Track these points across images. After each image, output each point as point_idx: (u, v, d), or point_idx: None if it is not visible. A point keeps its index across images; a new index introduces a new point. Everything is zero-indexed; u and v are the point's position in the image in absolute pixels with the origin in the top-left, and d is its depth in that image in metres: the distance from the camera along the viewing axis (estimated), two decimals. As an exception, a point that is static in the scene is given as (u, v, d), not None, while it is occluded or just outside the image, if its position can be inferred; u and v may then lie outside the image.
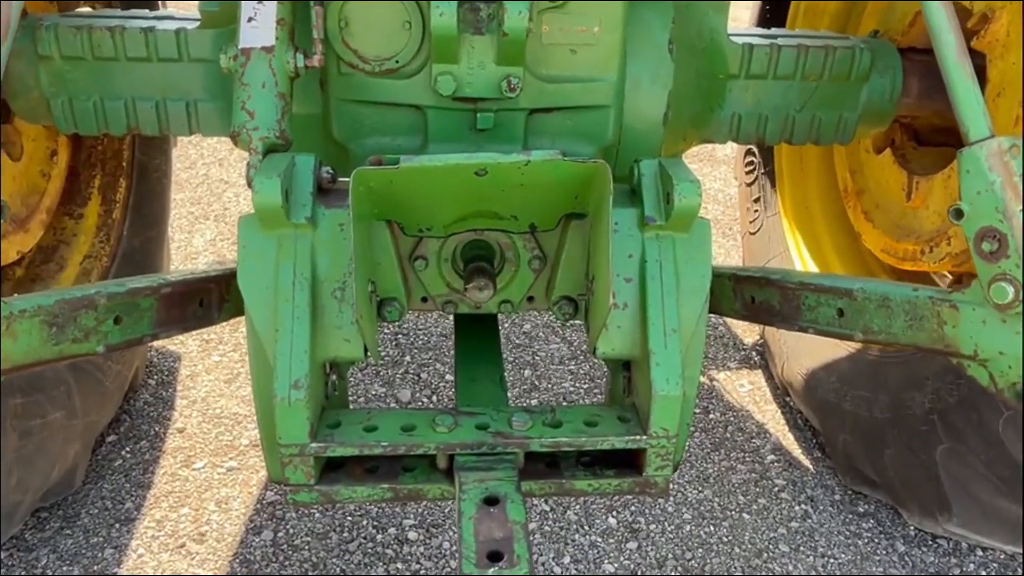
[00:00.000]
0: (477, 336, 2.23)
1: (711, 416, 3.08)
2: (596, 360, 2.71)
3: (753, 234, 3.42)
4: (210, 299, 1.92)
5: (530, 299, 1.96)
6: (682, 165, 1.75)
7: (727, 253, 4.25)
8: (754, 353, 3.38)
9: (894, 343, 1.74)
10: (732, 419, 3.08)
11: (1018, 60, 2.16)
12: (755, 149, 3.32)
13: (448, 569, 2.32)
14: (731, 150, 4.24)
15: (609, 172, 1.57)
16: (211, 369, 3.14)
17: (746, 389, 3.22)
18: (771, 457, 2.87)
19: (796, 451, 2.93)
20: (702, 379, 3.26)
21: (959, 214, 1.52)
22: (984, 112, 1.54)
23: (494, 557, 1.38)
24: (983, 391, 1.62)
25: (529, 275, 1.92)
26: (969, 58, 1.54)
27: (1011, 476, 1.94)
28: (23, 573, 2.32)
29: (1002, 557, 2.45)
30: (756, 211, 3.40)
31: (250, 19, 1.73)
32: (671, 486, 2.59)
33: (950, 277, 2.63)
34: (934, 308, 1.62)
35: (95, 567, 2.33)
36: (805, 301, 1.90)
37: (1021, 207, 1.46)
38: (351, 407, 1.82)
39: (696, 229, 1.72)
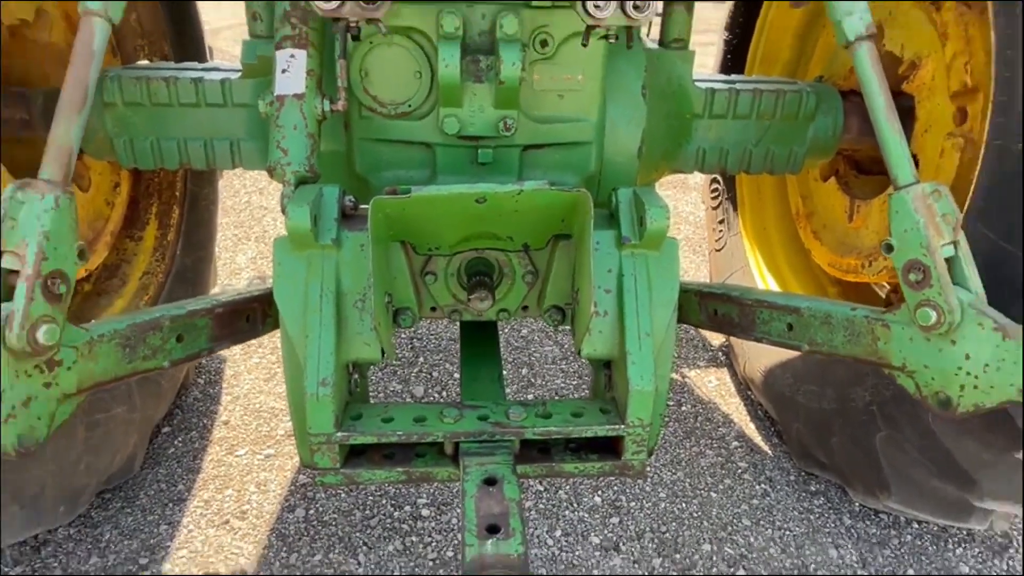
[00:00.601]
0: (479, 340, 2.21)
1: (683, 408, 3.04)
2: (582, 360, 2.67)
3: (718, 251, 3.40)
4: (255, 315, 1.90)
5: (524, 308, 1.95)
6: (653, 193, 1.75)
7: (697, 267, 4.20)
8: (720, 353, 3.34)
9: (835, 354, 1.73)
10: (701, 411, 3.05)
11: (942, 101, 2.17)
12: (719, 178, 3.29)
13: (456, 541, 2.28)
14: (700, 178, 4.24)
15: (590, 200, 1.57)
16: (252, 369, 3.12)
17: (713, 385, 3.20)
18: (735, 443, 2.85)
19: (756, 438, 2.90)
20: (675, 376, 3.24)
21: (889, 248, 1.52)
22: (909, 160, 1.53)
23: (492, 530, 1.38)
24: (915, 389, 1.59)
25: (523, 287, 1.91)
26: (897, 115, 1.53)
27: (941, 460, 1.91)
28: (90, 548, 2.24)
29: (935, 529, 2.41)
30: (721, 231, 3.38)
31: (284, 71, 1.73)
32: (648, 469, 2.57)
33: (888, 287, 2.63)
34: (869, 326, 1.62)
35: (151, 541, 2.28)
36: (760, 316, 1.89)
37: (942, 243, 1.44)
38: (371, 401, 1.81)
39: (666, 248, 1.71)
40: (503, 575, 1.28)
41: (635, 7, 1.47)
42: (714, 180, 3.36)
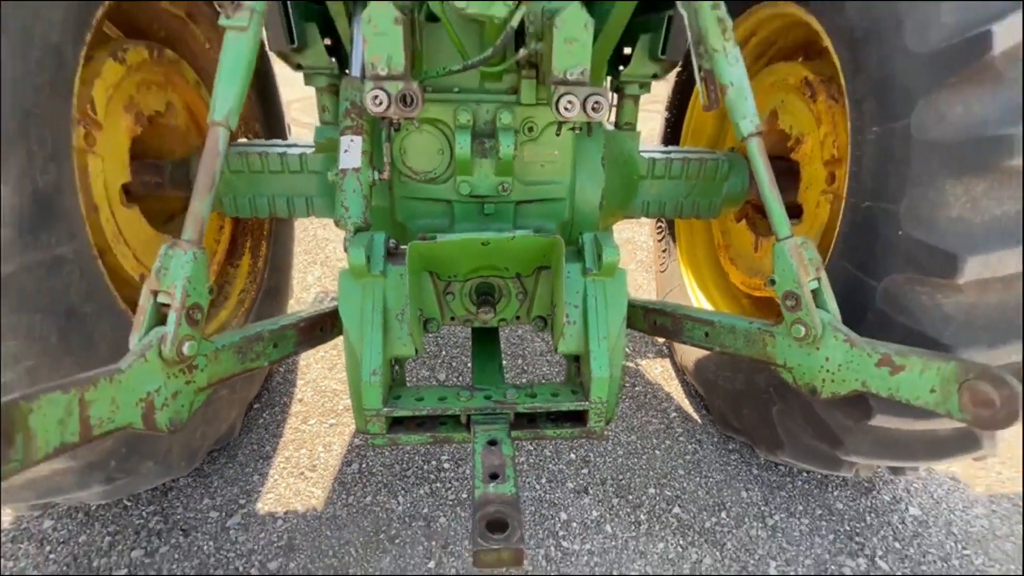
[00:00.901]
0: (485, 340, 2.19)
1: (636, 388, 2.96)
2: (559, 355, 2.71)
3: (662, 272, 3.34)
4: (326, 325, 1.88)
5: (517, 317, 1.92)
6: (609, 237, 1.72)
7: (649, 283, 4.08)
8: (664, 349, 3.30)
9: (737, 355, 1.72)
10: (649, 390, 2.98)
11: (818, 166, 2.15)
12: (663, 219, 3.25)
13: (469, 487, 2.22)
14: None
15: (562, 243, 1.59)
16: (319, 361, 3.06)
17: (659, 371, 3.13)
18: (674, 414, 2.78)
19: (690, 410, 2.83)
20: (631, 365, 3.18)
21: (772, 282, 1.53)
22: (786, 220, 1.52)
23: (494, 476, 1.39)
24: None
25: (516, 303, 1.89)
26: (777, 187, 1.51)
27: (818, 426, 1.91)
28: (203, 492, 2.22)
29: (819, 477, 2.37)
30: (664, 258, 3.32)
31: (346, 151, 1.71)
32: (607, 433, 2.55)
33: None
34: (760, 335, 1.63)
35: (247, 487, 2.23)
36: (686, 326, 1.88)
37: (809, 279, 1.46)
38: (407, 385, 1.78)
39: (617, 275, 1.68)
40: (500, 507, 1.27)
41: (593, 109, 1.46)
42: (658, 220, 3.31)
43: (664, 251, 3.30)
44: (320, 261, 4.37)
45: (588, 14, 1.44)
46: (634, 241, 4.97)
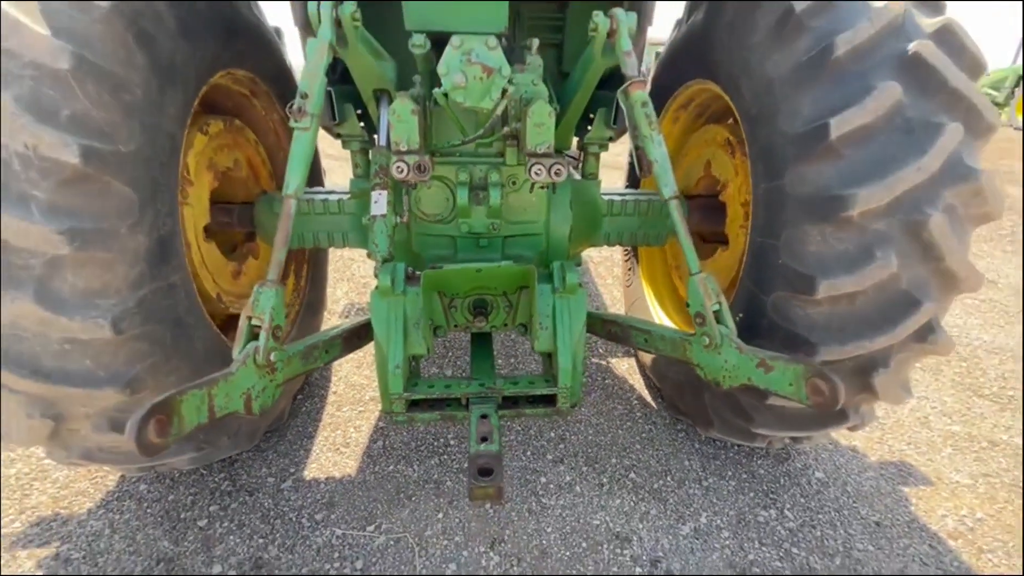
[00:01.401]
0: (481, 343, 2.31)
1: (606, 382, 3.16)
2: (536, 353, 2.78)
3: (628, 287, 3.53)
4: (362, 335, 2.08)
5: (505, 325, 2.10)
6: (572, 266, 1.93)
7: (620, 295, 4.22)
8: (630, 350, 3.44)
9: (669, 356, 1.93)
10: (616, 383, 3.16)
11: (737, 207, 2.39)
12: None
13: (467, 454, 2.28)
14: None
15: (535, 271, 1.85)
16: (349, 361, 3.24)
17: (624, 368, 3.32)
18: (635, 401, 2.98)
19: (648, 398, 3.02)
20: (603, 363, 3.38)
21: (688, 305, 1.74)
22: (696, 260, 1.74)
23: (484, 439, 1.64)
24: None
25: (504, 314, 2.08)
26: (690, 234, 1.72)
27: (736, 407, 2.07)
28: (260, 463, 2.44)
29: (747, 449, 2.58)
30: (630, 275, 3.50)
31: (375, 202, 1.91)
32: (586, 418, 2.77)
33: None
34: (682, 342, 1.85)
35: (296, 459, 2.46)
36: (631, 333, 2.09)
37: (712, 304, 1.69)
38: (423, 376, 1.93)
39: (578, 294, 1.89)
40: (488, 459, 1.55)
41: (555, 173, 1.76)
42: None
43: (630, 270, 3.53)
44: (347, 278, 4.65)
45: (552, 104, 1.78)
46: (612, 259, 5.26)
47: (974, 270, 1.65)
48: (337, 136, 2.33)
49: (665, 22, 3.00)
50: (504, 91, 1.67)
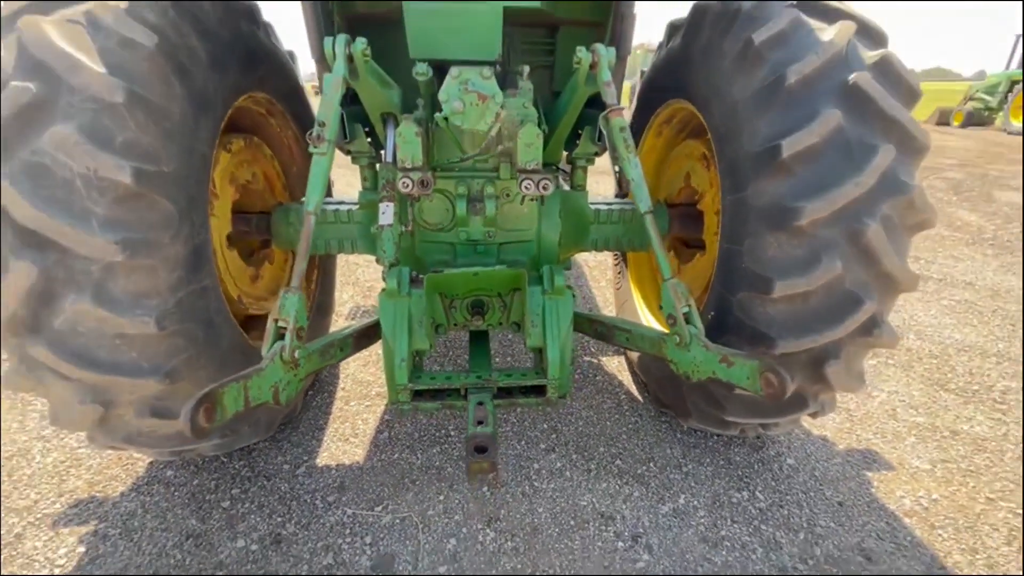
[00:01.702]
0: (479, 339, 2.43)
1: (597, 378, 3.32)
2: (528, 349, 2.66)
3: (618, 289, 3.71)
4: (372, 334, 2.22)
5: (500, 323, 2.22)
6: (560, 269, 2.08)
7: (612, 296, 4.17)
8: (620, 349, 3.50)
9: (647, 352, 2.06)
10: (607, 379, 3.31)
11: (713, 215, 2.56)
12: None
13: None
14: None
15: (526, 275, 2.01)
16: (355, 359, 3.39)
17: (614, 365, 3.47)
18: (623, 395, 3.14)
19: (635, 392, 3.17)
20: (595, 360, 3.54)
21: (661, 308, 1.88)
22: (668, 267, 1.89)
23: (480, 422, 1.79)
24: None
25: (499, 313, 2.20)
26: (663, 244, 1.86)
27: (710, 398, 2.20)
28: (276, 451, 2.61)
29: (725, 438, 2.74)
30: (619, 278, 3.69)
31: (383, 213, 2.07)
32: (577, 411, 2.94)
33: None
34: (658, 340, 2.00)
35: (308, 448, 2.62)
36: (615, 332, 2.21)
37: (682, 306, 1.85)
38: (425, 369, 2.07)
39: (566, 295, 2.03)
40: (483, 439, 1.71)
41: (543, 188, 1.96)
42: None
43: (619, 273, 3.74)
44: (352, 282, 4.87)
45: (540, 127, 1.99)
46: (605, 263, 5.48)
47: (910, 272, 1.87)
48: (347, 152, 2.54)
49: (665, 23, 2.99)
50: (497, 115, 1.88)
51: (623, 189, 1.92)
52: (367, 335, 2.23)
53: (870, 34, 1.97)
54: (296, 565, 2.09)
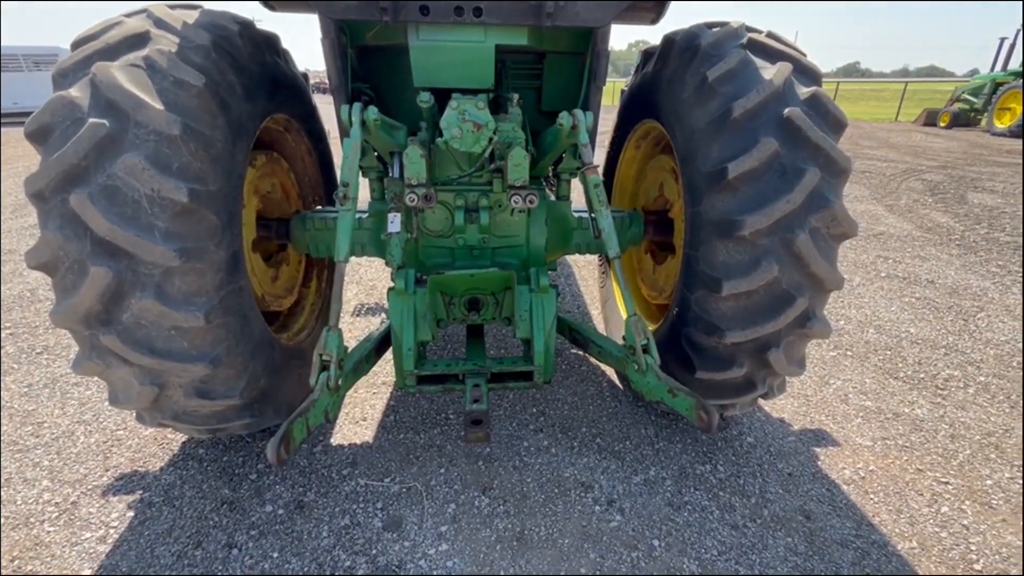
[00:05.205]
0: (475, 332, 2.66)
1: (583, 368, 3.60)
2: (518, 340, 2.83)
3: (602, 288, 4.00)
4: (387, 340, 2.41)
5: (493, 318, 2.42)
6: (545, 271, 2.33)
7: (598, 294, 4.71)
8: None
9: (613, 367, 2.28)
10: (591, 370, 3.58)
11: (681, 224, 2.82)
12: None
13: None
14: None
15: (515, 275, 2.27)
16: None
17: None
18: (605, 385, 3.42)
19: (615, 381, 3.44)
20: (581, 354, 3.79)
21: (624, 339, 2.07)
22: (634, 305, 2.05)
23: (475, 400, 2.06)
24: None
25: (493, 309, 2.41)
26: (631, 286, 2.08)
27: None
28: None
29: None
30: (603, 277, 3.99)
31: (391, 222, 2.20)
32: (563, 397, 3.22)
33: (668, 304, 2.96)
34: (623, 359, 2.21)
35: (326, 431, 2.92)
36: (589, 343, 2.43)
37: (641, 341, 2.03)
38: (429, 357, 2.33)
39: (549, 293, 2.26)
40: (478, 414, 2.01)
41: (530, 202, 2.23)
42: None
43: (603, 272, 4.08)
44: (356, 281, 5.22)
45: (528, 149, 2.30)
46: (593, 263, 5.86)
47: (836, 274, 2.23)
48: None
49: (667, 23, 3.41)
50: (490, 139, 2.19)
51: (596, 236, 2.21)
52: (385, 343, 2.44)
53: (806, 72, 2.33)
54: (318, 526, 2.44)
